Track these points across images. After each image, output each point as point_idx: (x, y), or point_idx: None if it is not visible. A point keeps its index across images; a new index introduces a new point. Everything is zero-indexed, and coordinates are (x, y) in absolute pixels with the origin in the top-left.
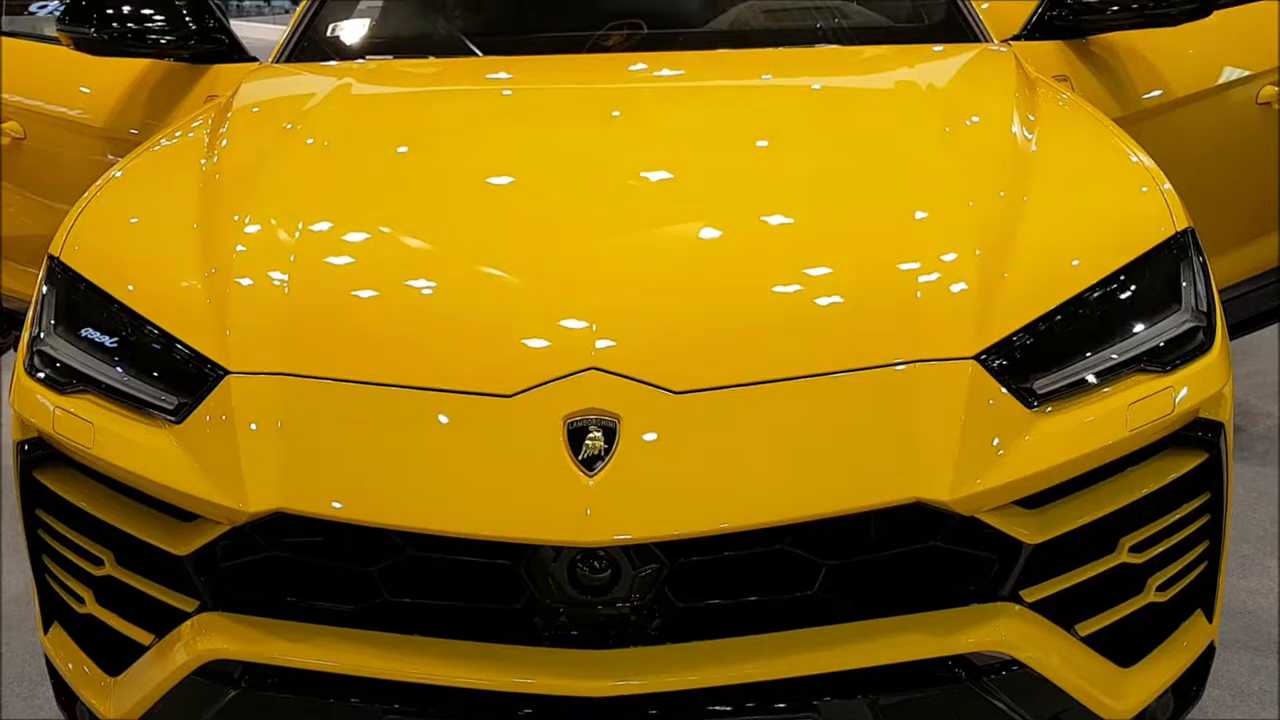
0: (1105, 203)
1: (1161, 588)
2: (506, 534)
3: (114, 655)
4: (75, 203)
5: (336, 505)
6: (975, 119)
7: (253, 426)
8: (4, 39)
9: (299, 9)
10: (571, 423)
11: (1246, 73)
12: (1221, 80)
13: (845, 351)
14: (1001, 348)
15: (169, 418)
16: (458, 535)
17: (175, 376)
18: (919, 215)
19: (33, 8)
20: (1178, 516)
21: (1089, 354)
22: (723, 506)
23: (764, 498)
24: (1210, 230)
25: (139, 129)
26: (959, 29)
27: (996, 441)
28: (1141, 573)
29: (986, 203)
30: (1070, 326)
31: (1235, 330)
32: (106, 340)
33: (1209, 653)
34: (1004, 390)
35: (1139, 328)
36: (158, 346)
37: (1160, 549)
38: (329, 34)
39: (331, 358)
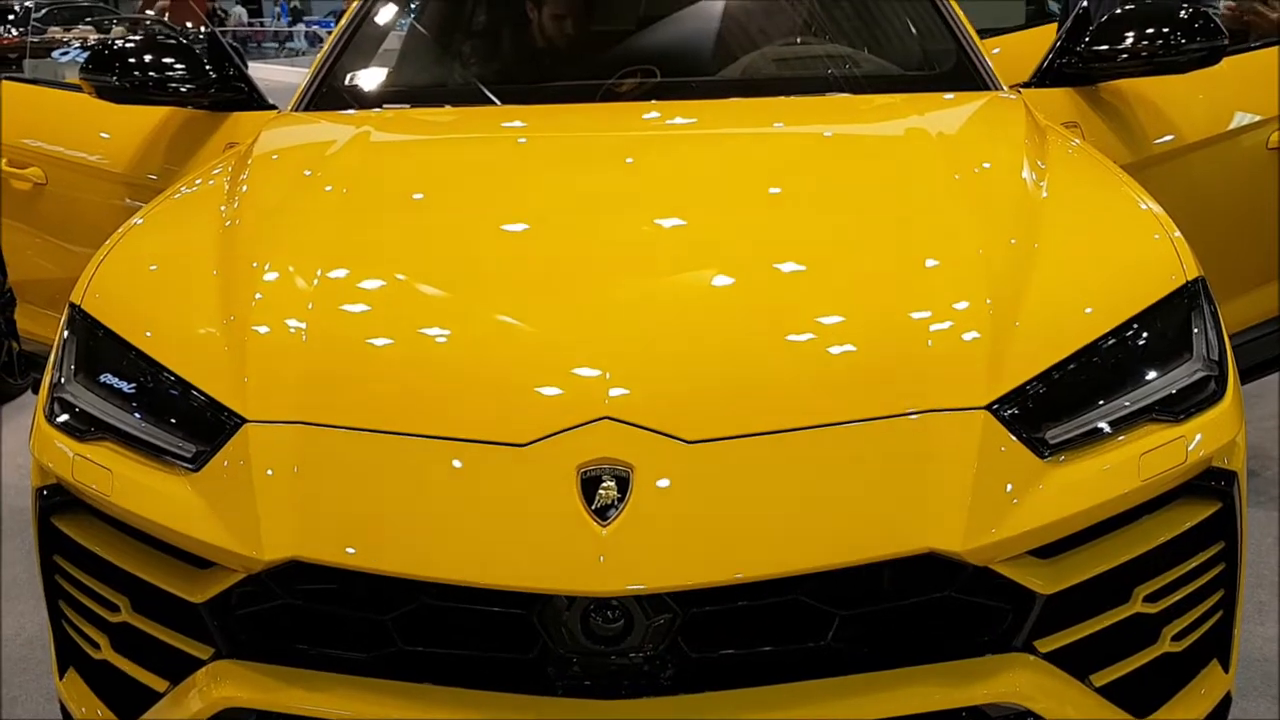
0: (1116, 251)
1: (1177, 637)
2: (519, 583)
3: (129, 702)
4: (94, 246)
5: (351, 554)
6: (985, 166)
7: (269, 474)
8: (28, 86)
9: (318, 58)
10: (585, 472)
11: (1257, 118)
12: (1232, 126)
13: (857, 401)
14: (1013, 397)
15: (187, 466)
16: (471, 585)
17: (193, 424)
18: (930, 263)
19: (55, 54)
20: (1192, 566)
21: (1101, 403)
22: (736, 557)
23: (777, 548)
24: (1221, 276)
25: (158, 174)
26: (969, 77)
27: (1009, 491)
28: (1156, 622)
29: (997, 251)
30: (1082, 376)
31: (1247, 375)
32: (125, 387)
33: (1226, 702)
34: (1016, 440)
35: (1151, 377)
36: (175, 393)
37: (1175, 598)
38: (347, 82)
39: (348, 406)
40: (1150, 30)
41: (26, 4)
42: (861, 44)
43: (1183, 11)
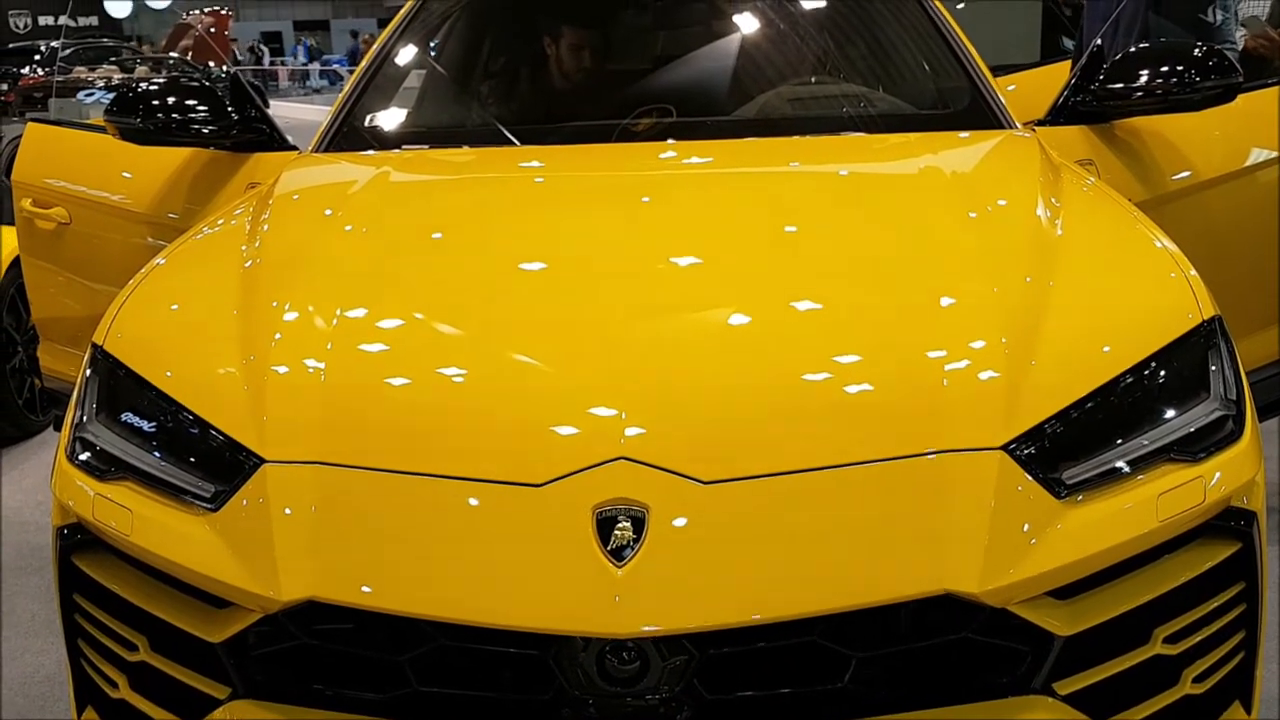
0: (1131, 290)
1: (1198, 679)
2: (535, 625)
3: None
4: (115, 284)
5: (367, 594)
6: (1000, 205)
7: (287, 514)
8: (52, 128)
9: (338, 99)
10: (600, 512)
11: (1273, 154)
12: (1248, 162)
13: (873, 441)
14: (1029, 437)
15: (206, 506)
16: (487, 626)
17: (212, 464)
18: (945, 302)
19: (80, 94)
20: (1212, 607)
21: (1118, 444)
22: (752, 598)
23: (793, 589)
24: (1238, 312)
25: (180, 214)
26: (983, 115)
27: (1026, 532)
28: (1177, 664)
29: (1013, 289)
30: (1098, 415)
31: (1264, 412)
32: (145, 427)
33: None
34: (1033, 480)
35: (1168, 417)
36: (195, 433)
37: (1195, 640)
38: (367, 123)
39: (365, 446)
40: (1165, 68)
41: (53, 44)
42: (876, 82)
43: (1197, 49)
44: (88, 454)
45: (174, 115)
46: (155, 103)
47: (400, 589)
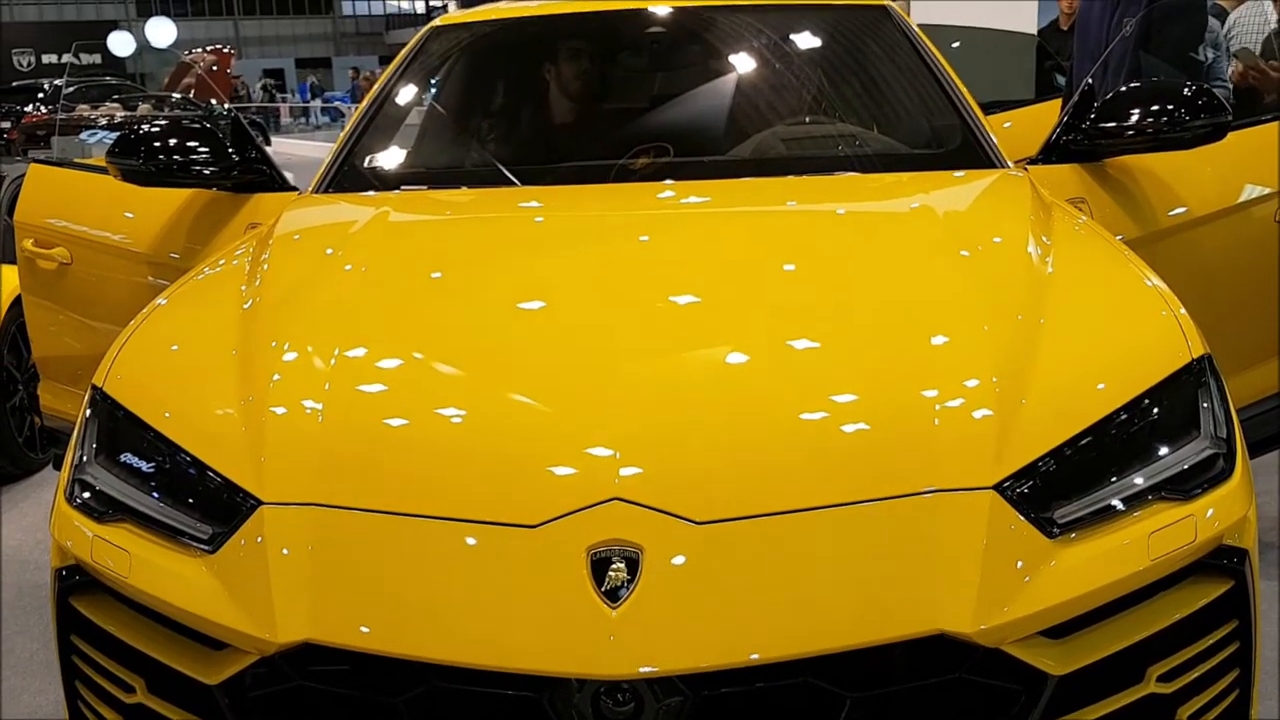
0: (1122, 328)
1: (1193, 717)
2: (530, 666)
3: None
4: (116, 323)
5: (363, 636)
6: (992, 244)
7: (283, 556)
8: (54, 169)
9: (338, 140)
10: (595, 553)
11: (1265, 190)
12: (1240, 199)
13: (865, 481)
14: (1020, 476)
15: (204, 547)
16: (482, 668)
17: (210, 506)
18: (937, 340)
19: (83, 134)
20: (1206, 645)
21: (1108, 483)
22: (746, 639)
23: (788, 630)
24: (1232, 348)
25: (180, 254)
26: (975, 154)
27: (1018, 571)
28: (1171, 702)
29: (1004, 327)
30: (1089, 454)
31: (1261, 447)
32: (144, 468)
33: None
34: (1024, 520)
35: (1158, 455)
36: (192, 474)
37: (1189, 678)
38: (366, 164)
39: (362, 488)
40: (1155, 107)
41: (56, 82)
42: (869, 122)
43: (1186, 89)
44: (86, 496)
45: (175, 157)
46: (157, 144)
47: (396, 631)
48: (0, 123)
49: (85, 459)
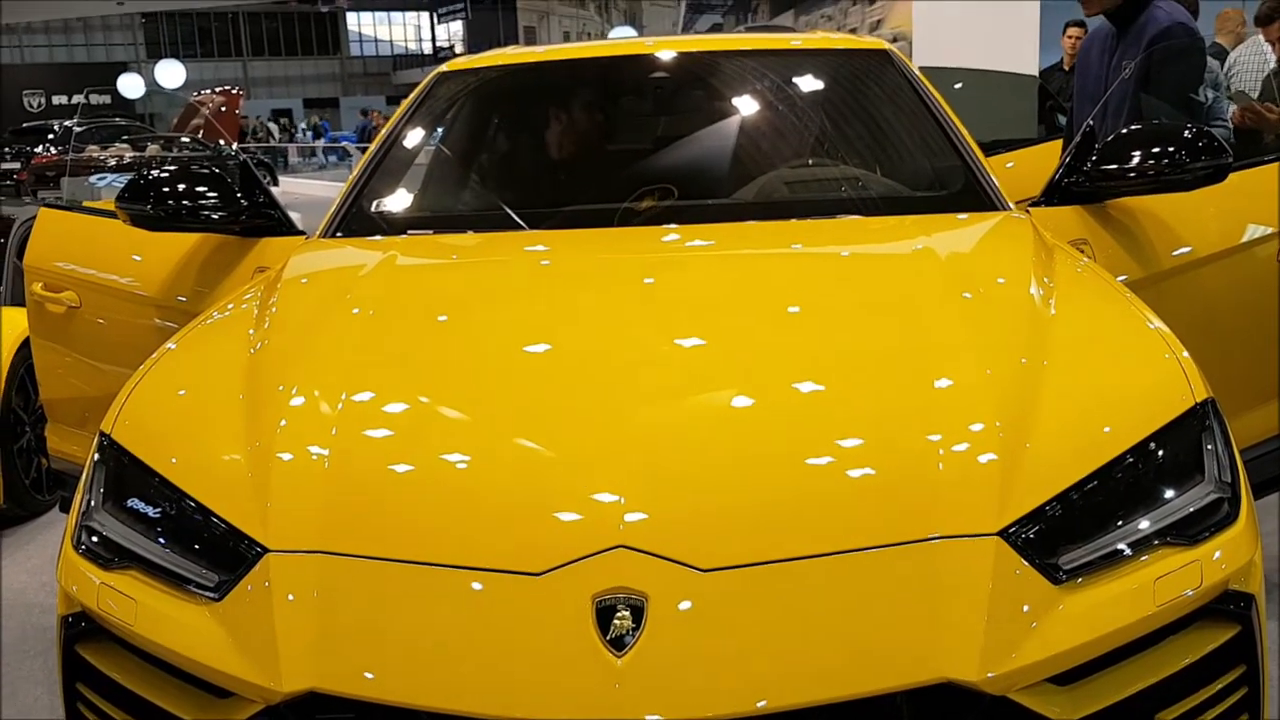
0: (1125, 372)
1: None
2: (535, 715)
3: None
4: (124, 364)
5: (368, 685)
6: (994, 287)
7: (289, 604)
8: (63, 213)
9: (345, 185)
10: (600, 601)
11: (1268, 230)
12: (1243, 240)
13: (870, 528)
14: (1025, 522)
15: (210, 595)
16: (486, 717)
17: (216, 553)
18: (941, 384)
19: (93, 178)
20: (1214, 690)
21: (1113, 528)
22: (752, 687)
23: (793, 678)
24: (1235, 388)
25: (188, 297)
26: (977, 197)
27: (1024, 618)
28: None
29: (1007, 371)
30: (1094, 500)
31: (1265, 488)
32: (150, 515)
33: None
34: (1030, 566)
35: (1163, 501)
36: (198, 520)
37: None
38: (373, 209)
39: (368, 535)
40: (1156, 150)
41: (66, 123)
42: (872, 164)
43: (1187, 131)
44: (93, 542)
45: (184, 201)
46: (166, 189)
47: (401, 680)
48: (10, 164)
49: (92, 505)
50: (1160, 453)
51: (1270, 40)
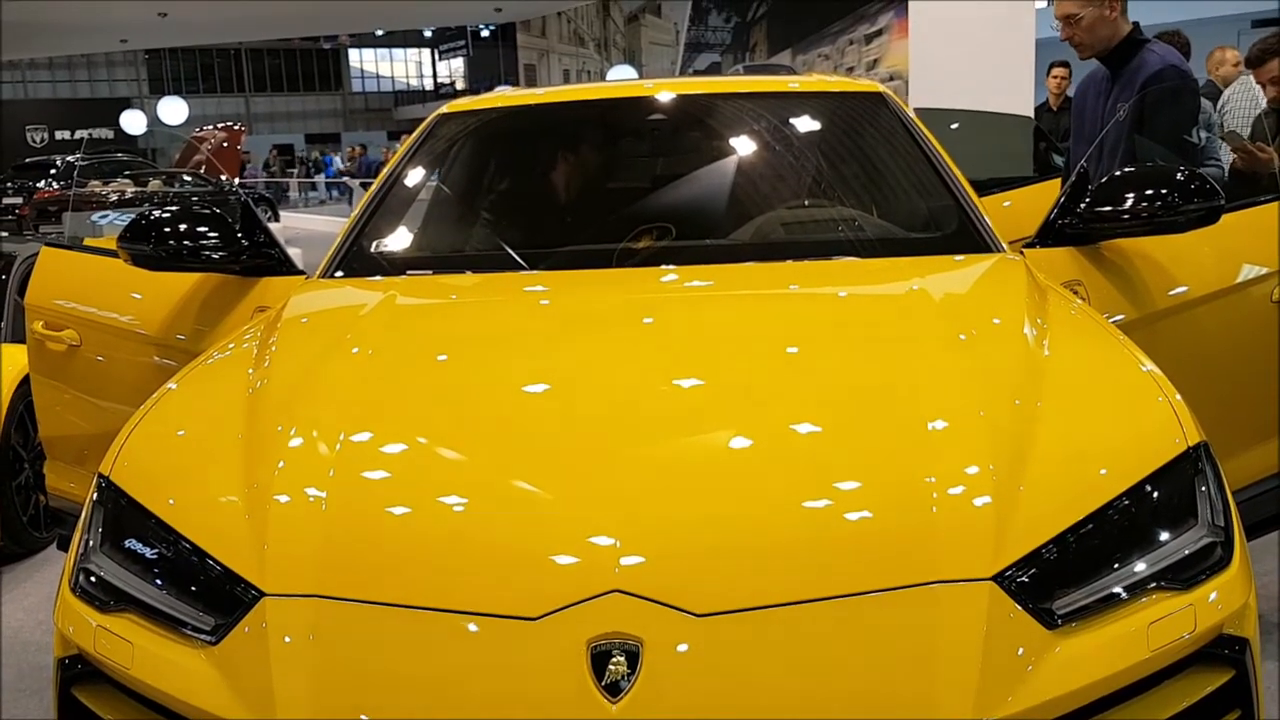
0: (1118, 415)
1: None
2: None
3: None
4: (123, 402)
5: None
6: (988, 328)
7: (285, 648)
8: (65, 252)
9: (345, 225)
10: (595, 646)
11: (1263, 270)
12: (1238, 280)
13: (864, 572)
14: (1019, 566)
15: (206, 639)
16: None
17: (213, 596)
18: (935, 426)
19: (94, 216)
20: None
21: (1106, 573)
22: None
23: None
24: (1230, 428)
25: (188, 336)
26: (970, 238)
27: (1019, 662)
28: None
29: (1000, 414)
30: (1087, 544)
31: (1261, 528)
32: (147, 556)
33: None
34: (1023, 611)
35: (1156, 544)
36: (195, 562)
37: None
38: (373, 249)
39: (364, 579)
40: (1149, 192)
41: (69, 159)
42: (867, 205)
43: (1180, 173)
44: (90, 585)
45: (185, 241)
46: (167, 229)
47: None
48: (12, 199)
49: (90, 547)
50: (1153, 497)
51: (1260, 82)
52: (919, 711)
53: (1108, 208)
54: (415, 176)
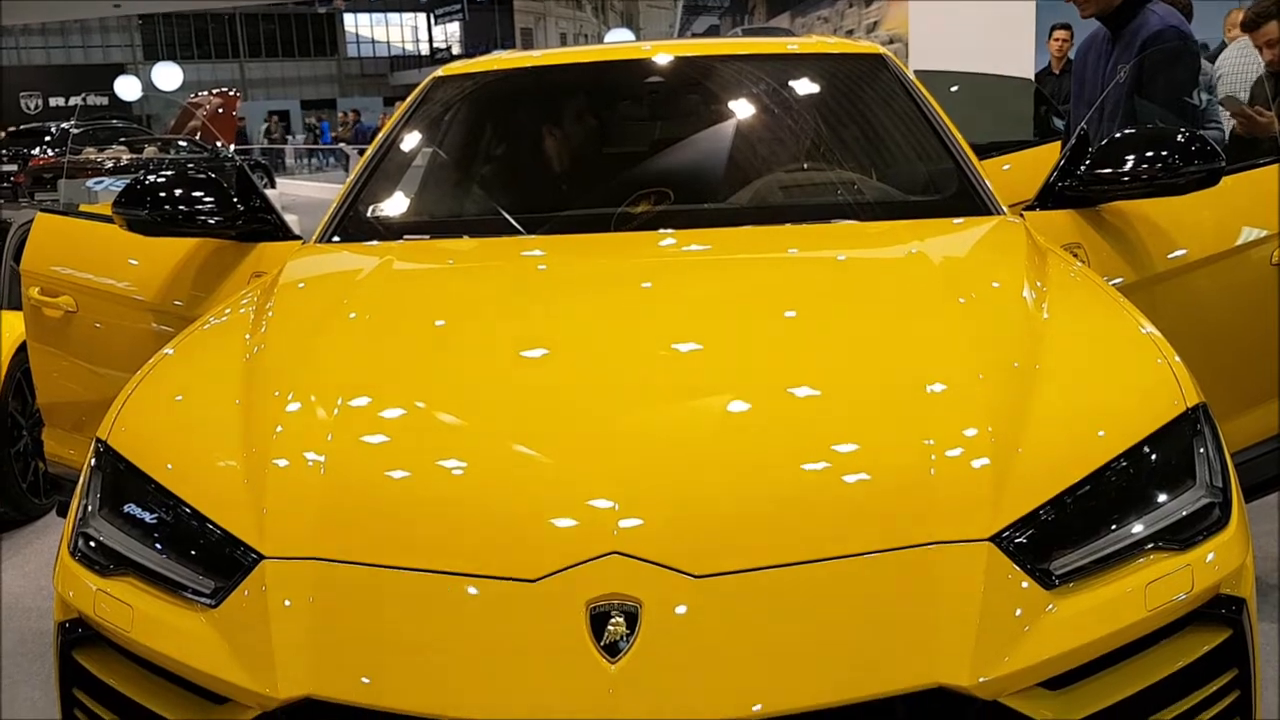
0: (1117, 377)
1: None
2: None
3: None
4: (120, 369)
5: (364, 692)
6: (987, 291)
7: (285, 611)
8: (60, 218)
9: (342, 190)
10: (594, 608)
11: (1263, 233)
12: (1238, 242)
13: (862, 534)
14: (1017, 527)
15: (206, 602)
16: None
17: (212, 560)
18: (934, 388)
19: (89, 183)
20: (1206, 694)
21: (1104, 533)
22: (745, 694)
23: (787, 684)
24: (1230, 390)
25: (184, 302)
26: (970, 201)
27: (1016, 622)
28: None
29: (999, 376)
30: (1085, 505)
31: (1250, 494)
32: (146, 521)
33: None
34: (1021, 571)
35: (1154, 505)
36: (194, 527)
37: None
38: (370, 214)
39: (363, 542)
40: (1149, 154)
41: (64, 126)
42: (867, 168)
43: (1180, 135)
44: (90, 549)
45: (180, 207)
46: (162, 194)
47: (397, 686)
48: (8, 166)
49: (89, 512)
50: (1151, 458)
51: (1258, 45)
52: (917, 671)
53: (1107, 170)
54: (411, 141)
